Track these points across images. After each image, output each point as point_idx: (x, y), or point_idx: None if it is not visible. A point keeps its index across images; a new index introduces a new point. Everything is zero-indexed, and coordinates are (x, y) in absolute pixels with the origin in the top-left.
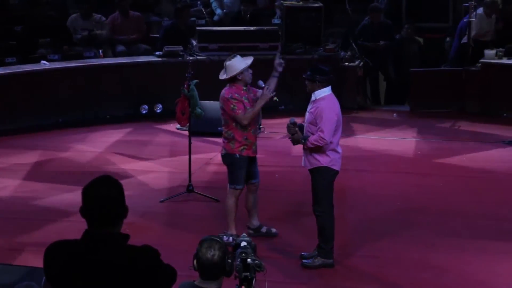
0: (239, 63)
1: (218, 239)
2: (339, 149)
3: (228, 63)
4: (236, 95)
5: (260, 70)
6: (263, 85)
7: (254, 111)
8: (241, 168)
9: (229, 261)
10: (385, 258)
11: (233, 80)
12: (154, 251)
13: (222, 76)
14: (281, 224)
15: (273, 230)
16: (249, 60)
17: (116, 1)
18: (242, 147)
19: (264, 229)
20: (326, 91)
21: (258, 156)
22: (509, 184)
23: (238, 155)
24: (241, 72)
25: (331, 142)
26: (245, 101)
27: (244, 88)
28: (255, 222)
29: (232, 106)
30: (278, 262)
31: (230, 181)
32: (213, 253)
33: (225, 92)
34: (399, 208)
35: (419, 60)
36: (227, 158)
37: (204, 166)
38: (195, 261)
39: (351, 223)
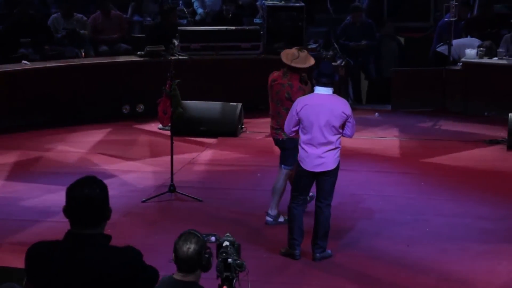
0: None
1: (196, 233)
2: (308, 149)
3: (304, 54)
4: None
5: (241, 69)
6: None
7: None
8: None
9: (206, 256)
10: (366, 257)
11: (296, 70)
12: (136, 252)
13: (305, 64)
14: (264, 223)
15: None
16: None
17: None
18: None
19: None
20: (314, 90)
21: (240, 155)
22: (490, 183)
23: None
24: None
25: (296, 135)
26: None
27: None
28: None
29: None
30: (261, 261)
31: (290, 163)
32: (188, 246)
33: (293, 83)
34: (380, 207)
35: (400, 58)
36: (290, 142)
37: (186, 166)
38: (173, 254)
39: (332, 222)
